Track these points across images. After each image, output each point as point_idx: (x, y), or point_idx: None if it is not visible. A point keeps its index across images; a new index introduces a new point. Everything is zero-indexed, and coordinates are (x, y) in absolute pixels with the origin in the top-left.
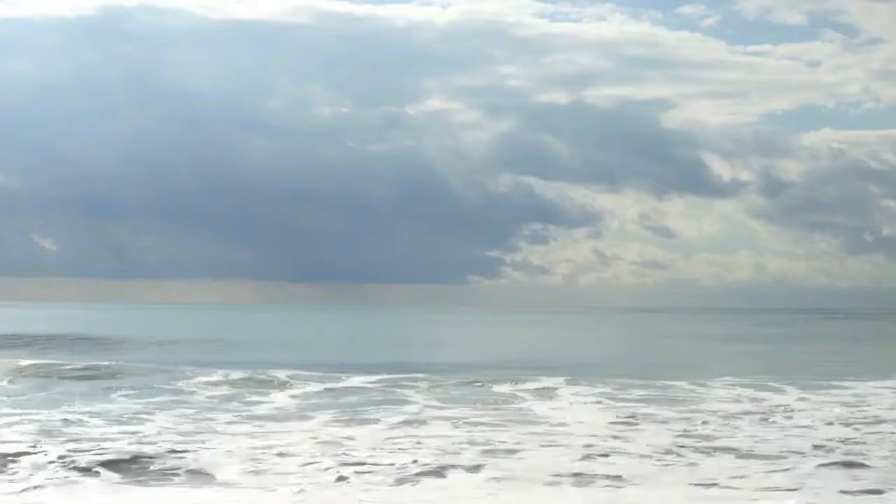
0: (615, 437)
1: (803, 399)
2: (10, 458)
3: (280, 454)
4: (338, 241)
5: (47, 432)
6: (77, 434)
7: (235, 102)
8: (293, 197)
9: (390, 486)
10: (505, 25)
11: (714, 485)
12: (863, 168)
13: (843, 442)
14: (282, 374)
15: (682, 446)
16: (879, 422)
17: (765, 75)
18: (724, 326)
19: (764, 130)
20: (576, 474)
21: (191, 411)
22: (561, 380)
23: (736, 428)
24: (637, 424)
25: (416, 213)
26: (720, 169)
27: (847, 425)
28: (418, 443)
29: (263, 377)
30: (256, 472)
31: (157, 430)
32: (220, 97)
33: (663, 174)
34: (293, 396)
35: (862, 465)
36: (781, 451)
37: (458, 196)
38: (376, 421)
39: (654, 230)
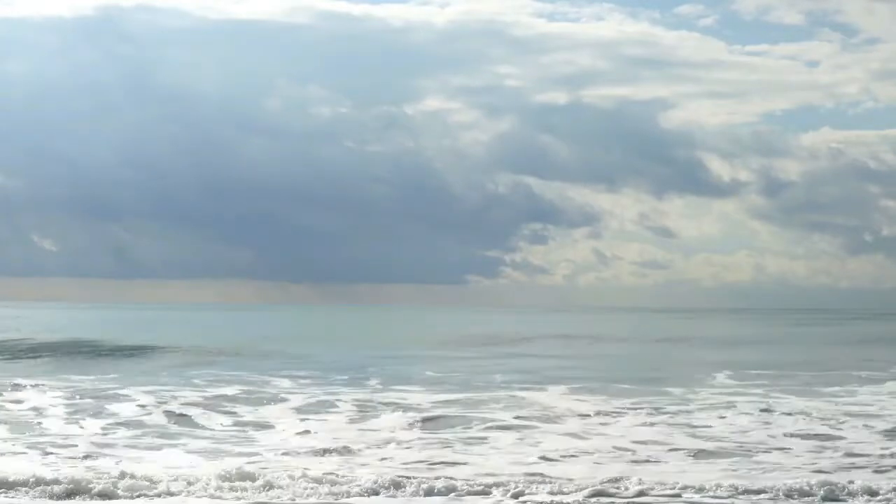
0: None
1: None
2: None
3: None
4: (337, 242)
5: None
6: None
7: (234, 102)
8: (292, 197)
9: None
10: (503, 25)
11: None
12: (862, 168)
13: None
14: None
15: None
16: None
17: (763, 75)
18: (732, 326)
19: (763, 130)
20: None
21: None
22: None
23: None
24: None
25: (415, 214)
26: (719, 169)
27: None
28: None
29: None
30: None
31: None
32: (219, 97)
33: (662, 174)
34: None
35: None
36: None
37: (457, 196)
38: None
39: (654, 230)
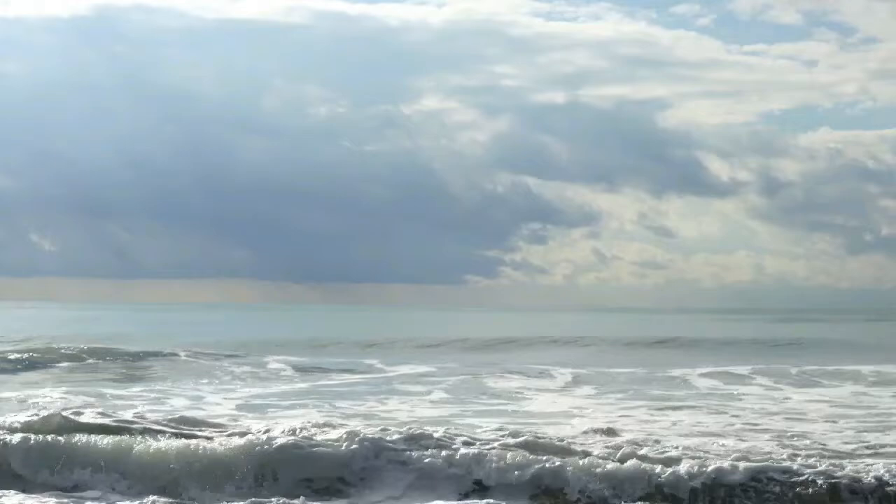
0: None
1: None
2: None
3: None
4: (336, 242)
5: None
6: None
7: (231, 102)
8: (290, 197)
9: None
10: (500, 25)
11: None
12: (861, 168)
13: None
14: None
15: None
16: None
17: (761, 75)
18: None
19: (761, 130)
20: None
21: None
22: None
23: None
24: None
25: (413, 213)
26: (718, 169)
27: None
28: None
29: None
30: None
31: None
32: (216, 97)
33: (661, 174)
34: None
35: None
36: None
37: (455, 196)
38: None
39: (653, 230)
